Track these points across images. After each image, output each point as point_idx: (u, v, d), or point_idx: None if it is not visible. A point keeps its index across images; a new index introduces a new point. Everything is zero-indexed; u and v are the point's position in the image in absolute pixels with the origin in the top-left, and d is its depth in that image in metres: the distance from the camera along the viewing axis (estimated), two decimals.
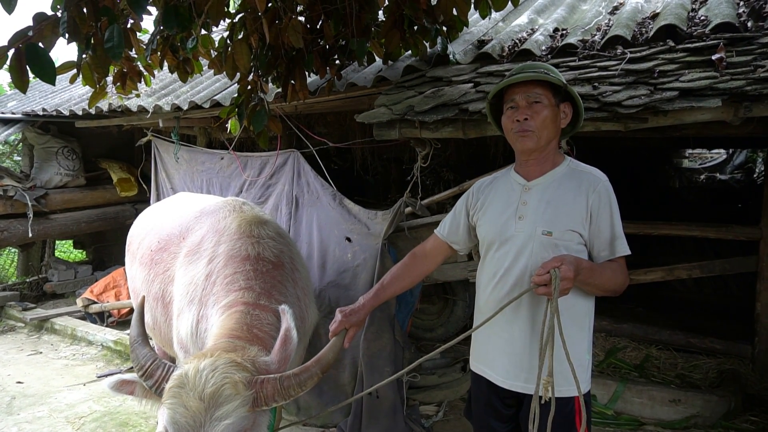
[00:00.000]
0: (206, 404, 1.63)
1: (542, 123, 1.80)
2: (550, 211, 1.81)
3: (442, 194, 3.59)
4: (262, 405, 1.67)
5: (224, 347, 1.90)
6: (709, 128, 3.01)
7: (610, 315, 4.58)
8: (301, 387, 1.69)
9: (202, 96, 4.52)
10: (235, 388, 1.65)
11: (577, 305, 1.83)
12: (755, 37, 2.45)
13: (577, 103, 1.87)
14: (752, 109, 2.09)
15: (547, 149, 1.86)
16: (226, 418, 1.62)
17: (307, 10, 3.12)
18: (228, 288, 2.38)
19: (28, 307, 5.91)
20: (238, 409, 1.64)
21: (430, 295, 4.79)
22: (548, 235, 1.79)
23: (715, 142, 7.45)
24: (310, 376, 1.71)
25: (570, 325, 1.79)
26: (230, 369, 1.70)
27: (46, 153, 6.20)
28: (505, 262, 1.87)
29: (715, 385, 3.75)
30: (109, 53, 2.24)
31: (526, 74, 1.80)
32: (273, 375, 1.71)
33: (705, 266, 4.07)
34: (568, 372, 1.76)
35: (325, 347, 1.80)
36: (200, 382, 1.67)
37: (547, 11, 3.85)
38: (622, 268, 1.82)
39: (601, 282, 1.78)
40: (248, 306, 2.23)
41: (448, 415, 3.73)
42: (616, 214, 1.81)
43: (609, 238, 1.80)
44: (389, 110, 2.91)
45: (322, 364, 1.73)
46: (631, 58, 2.59)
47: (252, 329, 2.08)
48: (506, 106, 1.88)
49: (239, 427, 1.65)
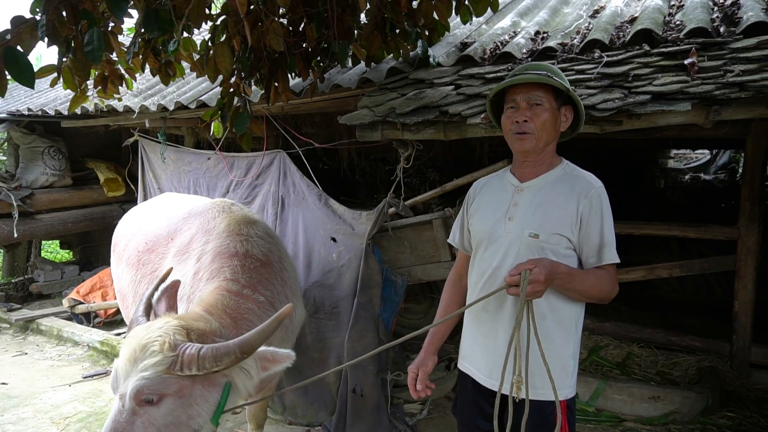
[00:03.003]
0: (136, 356, 1.74)
1: (542, 126, 1.78)
2: (539, 213, 1.80)
3: (424, 195, 3.63)
4: (178, 370, 1.72)
5: (190, 316, 2.00)
6: (688, 130, 3.07)
7: (593, 314, 4.63)
8: (216, 362, 1.73)
9: (188, 96, 4.53)
10: (161, 346, 1.73)
11: (563, 309, 1.82)
12: (726, 42, 2.50)
13: (578, 108, 1.86)
14: (720, 112, 2.14)
15: (545, 152, 1.85)
16: (143, 371, 1.71)
17: (289, 13, 3.14)
18: (213, 279, 2.42)
19: (13, 308, 5.88)
20: (156, 367, 1.71)
21: (416, 294, 4.83)
22: (535, 238, 1.78)
23: (698, 143, 7.55)
24: (227, 353, 1.73)
25: (555, 328, 1.81)
26: (170, 331, 1.79)
27: (32, 153, 6.16)
28: (493, 262, 1.88)
29: (694, 382, 3.82)
30: (88, 57, 2.25)
31: (528, 76, 1.78)
32: (197, 345, 1.77)
33: (684, 265, 4.14)
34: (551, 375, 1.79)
35: (252, 331, 1.81)
36: (142, 335, 1.78)
37: (530, 14, 3.89)
38: (609, 275, 1.80)
39: (582, 288, 1.77)
40: (231, 293, 2.29)
41: (433, 414, 3.77)
42: (607, 222, 1.79)
43: (598, 245, 1.78)
44: (371, 112, 2.94)
45: (242, 346, 1.75)
46: (607, 61, 2.64)
47: (227, 310, 2.16)
48: (506, 106, 1.87)
49: (156, 386, 1.72)
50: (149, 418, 1.73)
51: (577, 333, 1.88)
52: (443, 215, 3.59)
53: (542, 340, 1.80)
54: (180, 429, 1.78)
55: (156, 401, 1.73)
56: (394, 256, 3.91)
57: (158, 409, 1.73)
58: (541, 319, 1.80)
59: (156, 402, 1.73)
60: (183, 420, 1.78)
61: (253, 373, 1.83)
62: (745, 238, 3.76)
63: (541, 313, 1.80)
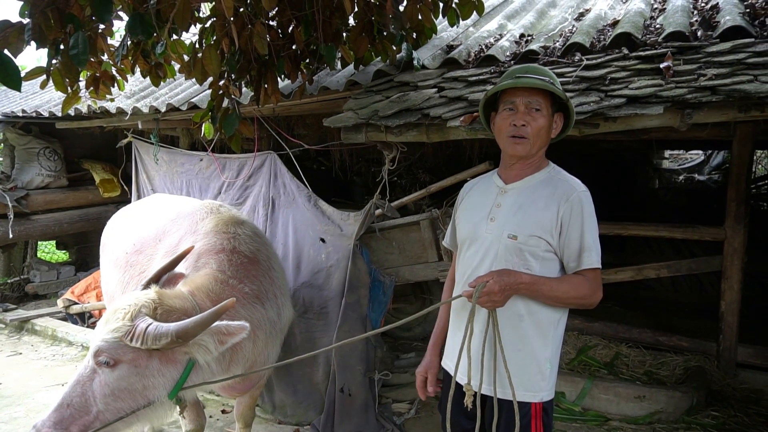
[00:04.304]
0: (107, 319, 1.95)
1: (537, 132, 1.78)
2: (519, 214, 1.82)
3: (410, 196, 3.67)
4: (128, 340, 1.87)
5: (173, 293, 2.14)
6: (672, 132, 3.11)
7: (583, 313, 4.66)
8: (156, 340, 1.86)
9: (180, 98, 4.56)
10: (124, 315, 1.90)
11: (541, 312, 1.82)
12: (702, 46, 2.53)
13: (570, 116, 1.86)
14: (693, 116, 2.18)
15: (535, 157, 1.86)
16: (106, 335, 1.89)
17: (278, 16, 3.18)
18: (199, 271, 2.46)
19: (8, 308, 5.92)
20: (113, 333, 1.88)
21: (407, 294, 4.86)
22: (513, 239, 1.79)
23: (691, 144, 7.58)
24: (165, 334, 1.86)
25: (532, 330, 1.83)
26: (140, 303, 1.95)
27: (28, 154, 6.20)
28: (473, 262, 1.90)
29: (680, 382, 3.85)
30: (73, 60, 2.29)
31: (533, 80, 1.76)
32: (149, 321, 1.90)
33: (672, 266, 4.17)
34: (525, 377, 1.82)
35: (190, 319, 1.92)
36: (121, 303, 1.96)
37: (518, 16, 3.92)
38: (589, 281, 1.79)
39: (553, 296, 1.77)
40: (217, 280, 2.36)
41: (420, 413, 3.80)
42: (588, 226, 1.78)
43: (578, 250, 1.78)
44: (356, 114, 2.97)
45: (178, 331, 1.87)
46: (586, 65, 2.67)
47: (210, 294, 2.25)
48: (503, 107, 1.84)
49: (112, 351, 1.87)
50: (106, 379, 1.87)
51: (556, 336, 1.89)
52: (430, 216, 3.63)
53: (518, 341, 1.84)
54: (134, 396, 1.91)
55: (112, 365, 1.87)
56: (382, 256, 3.94)
57: (113, 373, 1.87)
58: (518, 321, 1.83)
59: (112, 366, 1.87)
60: (137, 388, 1.90)
61: (211, 347, 1.94)
62: (731, 238, 3.79)
63: (518, 314, 1.83)
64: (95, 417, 1.86)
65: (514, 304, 1.81)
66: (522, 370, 1.83)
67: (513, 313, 1.83)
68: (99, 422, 1.86)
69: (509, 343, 1.82)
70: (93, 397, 1.86)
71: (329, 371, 3.66)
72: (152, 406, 1.95)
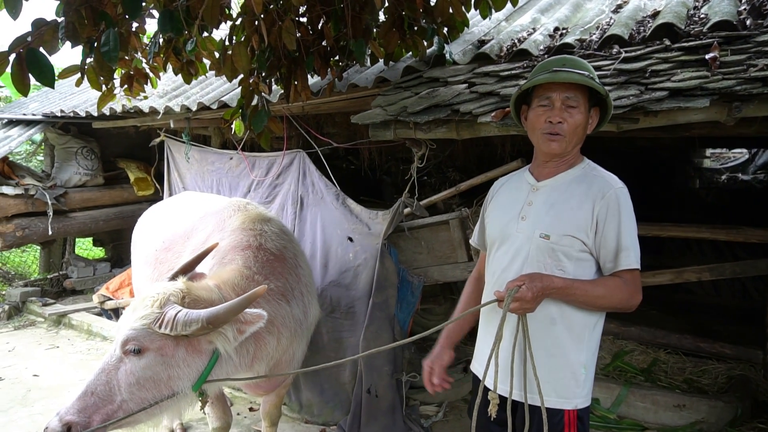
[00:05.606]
0: (135, 308, 1.95)
1: (574, 129, 1.71)
2: (552, 213, 1.75)
3: (439, 195, 3.60)
4: (157, 327, 1.87)
5: (200, 285, 2.15)
6: (715, 128, 2.95)
7: (618, 317, 4.51)
8: (186, 327, 1.86)
9: (210, 97, 4.60)
10: (153, 303, 1.91)
11: (574, 316, 1.75)
12: (752, 35, 2.38)
13: (607, 111, 1.78)
14: (742, 109, 2.04)
15: (570, 154, 1.79)
16: (134, 323, 1.89)
17: (307, 12, 3.16)
18: (226, 266, 2.47)
19: (47, 303, 6.10)
20: (142, 319, 1.89)
21: (436, 295, 4.79)
22: (546, 239, 1.73)
23: (734, 141, 7.26)
24: (195, 320, 1.86)
25: (565, 334, 1.76)
26: (168, 292, 1.95)
27: (66, 153, 6.38)
28: (503, 262, 1.84)
29: (723, 391, 3.67)
30: (105, 57, 2.31)
31: (572, 75, 1.68)
32: (179, 308, 1.90)
33: (715, 269, 3.98)
34: (558, 383, 1.75)
35: (221, 305, 1.92)
36: (149, 292, 1.97)
37: (552, 10, 3.81)
38: (627, 283, 1.69)
39: (586, 300, 1.70)
40: (243, 276, 2.37)
41: (448, 416, 3.74)
42: (626, 225, 1.69)
43: (615, 250, 1.69)
44: (384, 111, 2.93)
45: (209, 317, 1.87)
46: (625, 57, 2.55)
47: (235, 288, 2.25)
48: (537, 102, 1.76)
49: (140, 339, 1.88)
50: (132, 368, 1.87)
51: (592, 341, 1.80)
52: (460, 215, 3.55)
53: (551, 345, 1.77)
54: (159, 386, 1.91)
55: (139, 353, 1.87)
56: (410, 256, 3.88)
57: (139, 361, 1.87)
58: (550, 324, 1.76)
59: (139, 354, 1.87)
60: (163, 378, 1.90)
61: (230, 336, 1.95)
62: None
63: (550, 317, 1.76)
64: (119, 406, 1.86)
65: (546, 308, 1.73)
66: (554, 376, 1.76)
67: (545, 316, 1.75)
68: (122, 412, 1.86)
69: (541, 347, 1.75)
70: (118, 386, 1.87)
71: (356, 371, 3.62)
72: (176, 398, 1.95)
